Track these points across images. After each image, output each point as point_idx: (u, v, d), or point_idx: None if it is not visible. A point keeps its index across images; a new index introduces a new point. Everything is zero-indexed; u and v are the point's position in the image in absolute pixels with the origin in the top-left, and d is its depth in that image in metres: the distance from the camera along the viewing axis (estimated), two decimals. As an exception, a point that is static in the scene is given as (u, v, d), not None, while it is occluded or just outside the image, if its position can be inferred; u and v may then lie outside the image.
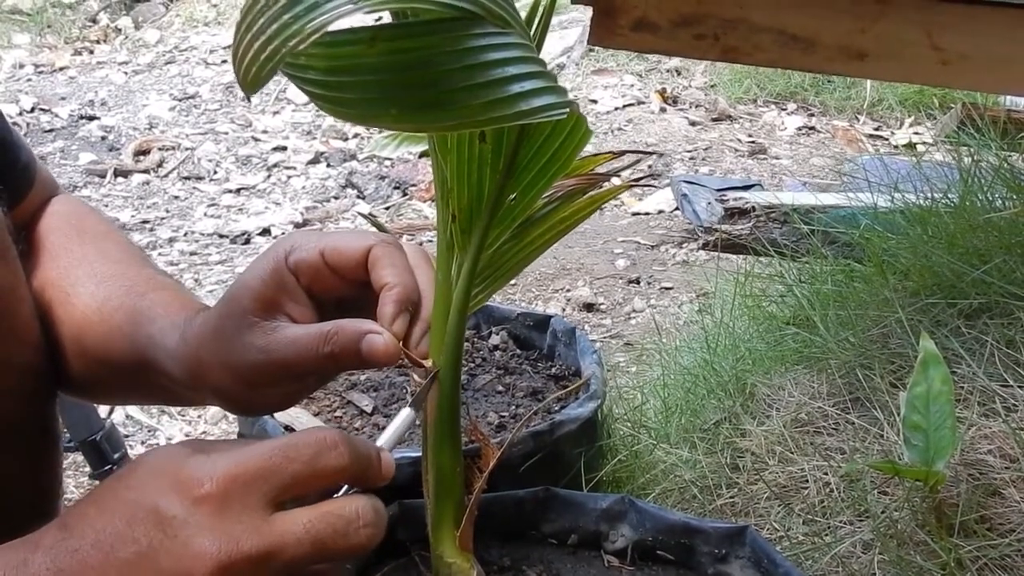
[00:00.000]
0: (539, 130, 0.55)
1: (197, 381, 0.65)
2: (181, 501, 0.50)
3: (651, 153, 3.15)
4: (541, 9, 0.53)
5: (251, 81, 0.42)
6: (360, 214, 3.00)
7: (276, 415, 1.05)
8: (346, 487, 0.54)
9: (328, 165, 3.50)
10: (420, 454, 0.64)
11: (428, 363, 0.60)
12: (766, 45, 0.98)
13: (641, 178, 2.55)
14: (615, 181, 0.73)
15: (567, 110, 0.46)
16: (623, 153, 0.67)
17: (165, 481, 0.51)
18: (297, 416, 1.09)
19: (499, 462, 0.65)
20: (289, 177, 3.43)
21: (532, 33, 0.53)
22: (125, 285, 0.74)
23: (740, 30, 0.98)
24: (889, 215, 1.47)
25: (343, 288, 0.63)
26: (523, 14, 0.52)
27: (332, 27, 0.41)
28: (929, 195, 1.45)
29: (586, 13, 1.05)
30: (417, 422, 0.63)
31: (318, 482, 0.52)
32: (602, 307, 2.50)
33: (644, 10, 0.97)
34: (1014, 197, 1.33)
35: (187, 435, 2.00)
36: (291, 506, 0.51)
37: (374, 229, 1.02)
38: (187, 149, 3.64)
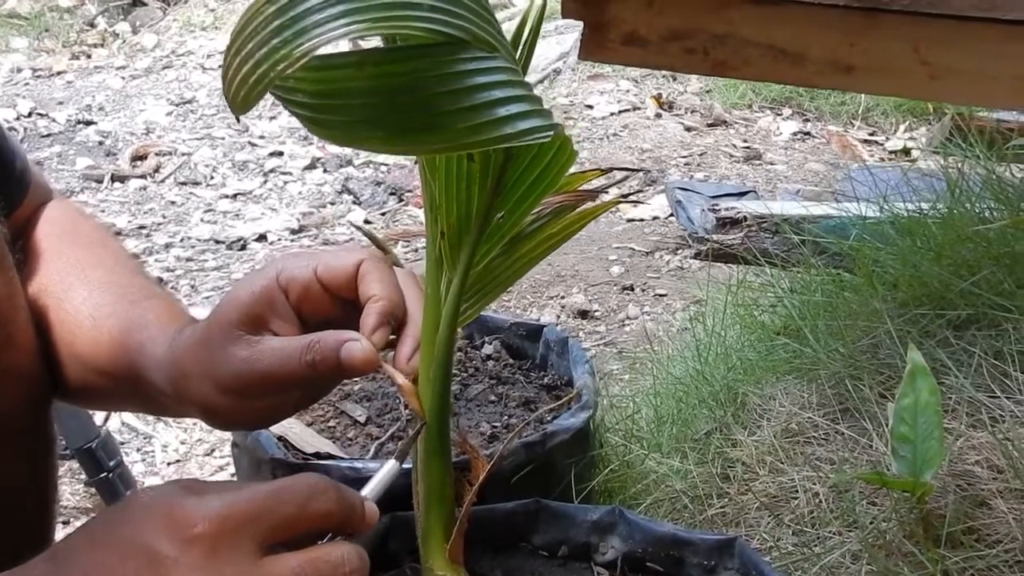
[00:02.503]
0: (527, 150, 0.56)
1: (181, 392, 0.66)
2: (173, 541, 0.50)
3: (638, 171, 3.15)
4: (527, 31, 0.54)
5: (240, 103, 0.43)
6: (352, 223, 3.00)
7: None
8: (330, 534, 0.55)
9: (324, 171, 3.50)
10: (411, 466, 0.65)
11: (404, 381, 0.61)
12: (755, 59, 0.99)
13: (630, 194, 2.56)
14: (605, 194, 0.74)
15: (551, 133, 0.47)
16: (611, 170, 0.68)
17: (158, 520, 0.51)
18: (291, 426, 1.10)
19: (489, 475, 0.66)
20: (285, 183, 3.43)
21: (518, 55, 0.54)
22: (118, 292, 0.75)
23: (729, 44, 0.99)
24: (878, 225, 1.47)
25: (332, 307, 0.64)
26: (512, 28, 0.53)
27: (320, 52, 0.42)
28: (917, 206, 1.46)
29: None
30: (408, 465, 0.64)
31: (306, 525, 0.54)
32: (596, 314, 2.50)
33: (634, 25, 0.97)
34: (1002, 208, 1.34)
35: (183, 442, 2.01)
36: (279, 550, 0.53)
37: (367, 242, 1.03)
38: (184, 154, 3.64)
